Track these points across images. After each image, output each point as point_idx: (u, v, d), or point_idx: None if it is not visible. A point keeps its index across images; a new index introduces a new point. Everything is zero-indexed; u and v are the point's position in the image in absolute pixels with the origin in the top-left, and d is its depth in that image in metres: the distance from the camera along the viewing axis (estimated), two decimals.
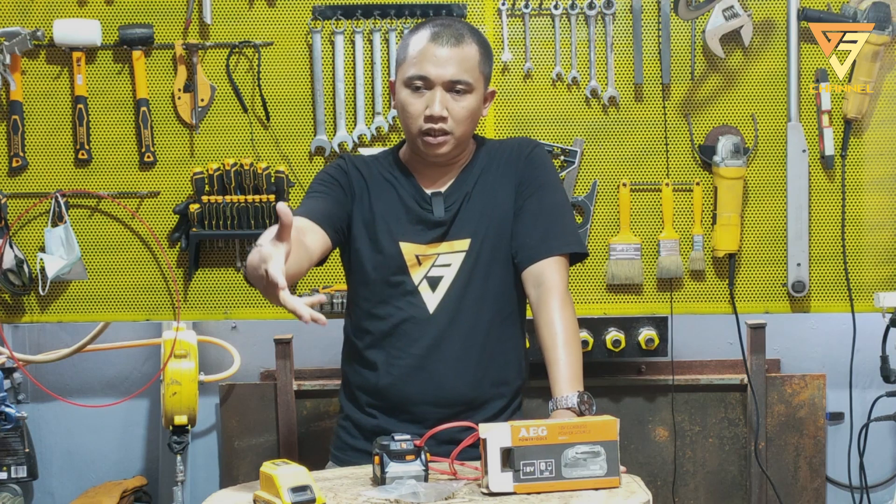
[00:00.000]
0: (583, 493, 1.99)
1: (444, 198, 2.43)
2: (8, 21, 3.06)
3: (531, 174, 2.44)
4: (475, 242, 2.40)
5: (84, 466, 3.83)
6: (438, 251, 2.41)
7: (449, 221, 2.41)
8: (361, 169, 2.47)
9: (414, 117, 2.36)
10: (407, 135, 2.42)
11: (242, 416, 3.55)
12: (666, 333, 3.41)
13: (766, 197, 3.10)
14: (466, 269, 2.40)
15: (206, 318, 3.19)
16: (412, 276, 2.40)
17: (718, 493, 3.52)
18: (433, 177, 2.45)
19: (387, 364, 2.40)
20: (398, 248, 2.40)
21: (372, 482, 2.08)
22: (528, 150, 2.47)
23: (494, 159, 2.47)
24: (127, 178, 3.11)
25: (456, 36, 2.35)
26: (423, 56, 2.34)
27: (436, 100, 2.33)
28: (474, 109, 2.38)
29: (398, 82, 2.40)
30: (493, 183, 2.44)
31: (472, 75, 2.35)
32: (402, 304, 2.40)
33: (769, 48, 3.07)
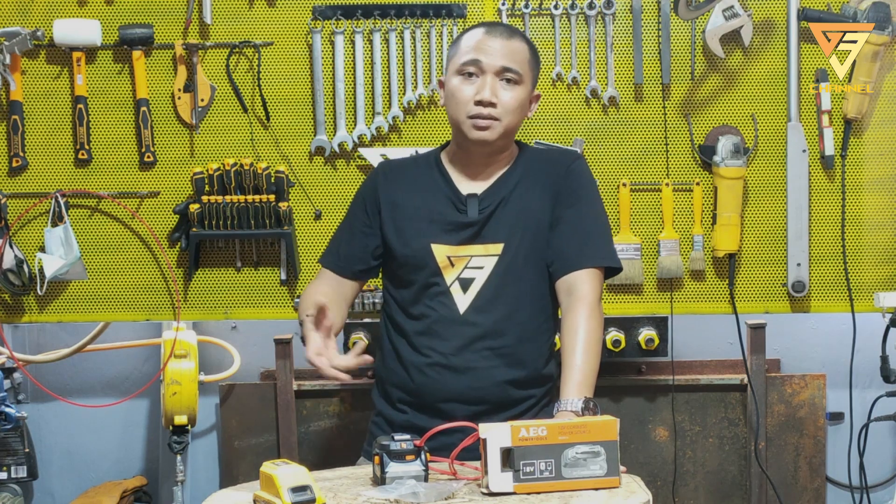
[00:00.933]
0: (583, 493, 1.99)
1: (480, 200, 2.47)
2: (8, 21, 3.06)
3: (571, 185, 2.49)
4: (509, 247, 2.45)
5: (84, 466, 3.83)
6: (471, 253, 2.45)
7: (482, 223, 2.45)
8: (394, 175, 2.56)
9: (463, 103, 2.42)
10: (454, 123, 2.47)
11: (242, 416, 3.55)
12: (666, 333, 3.41)
13: (766, 197, 3.10)
14: (499, 272, 2.44)
15: (206, 318, 3.19)
16: (445, 277, 2.45)
17: (718, 493, 3.51)
18: (472, 177, 2.50)
19: (418, 362, 2.45)
20: (430, 249, 2.45)
21: (372, 482, 2.08)
22: (569, 162, 2.53)
23: (535, 167, 2.51)
24: (127, 178, 3.11)
25: (509, 31, 2.46)
26: (477, 45, 2.43)
27: (486, 85, 2.41)
28: (522, 101, 2.44)
29: (449, 73, 2.47)
30: (531, 190, 2.48)
31: (521, 67, 2.43)
32: (434, 304, 2.45)
33: (769, 48, 3.06)
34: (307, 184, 3.11)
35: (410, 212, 2.50)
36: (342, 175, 3.10)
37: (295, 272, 3.09)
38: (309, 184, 3.11)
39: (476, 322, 2.43)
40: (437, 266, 2.45)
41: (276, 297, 3.13)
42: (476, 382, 2.42)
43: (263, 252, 3.13)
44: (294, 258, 3.07)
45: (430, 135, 3.09)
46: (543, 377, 2.50)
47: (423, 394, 2.45)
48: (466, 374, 2.42)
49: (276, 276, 3.12)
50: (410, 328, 2.48)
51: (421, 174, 2.54)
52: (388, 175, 2.57)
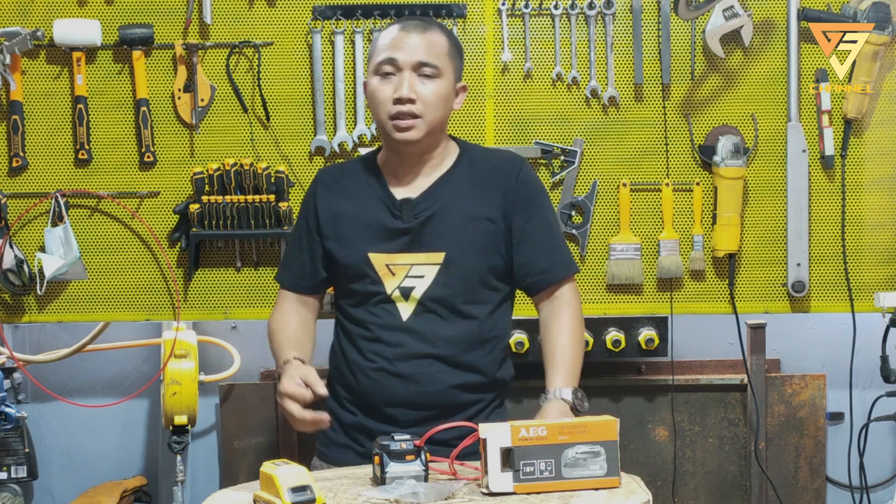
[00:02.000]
0: (583, 493, 1.99)
1: (415, 205, 2.42)
2: (8, 21, 3.06)
3: (526, 196, 2.46)
4: (451, 256, 2.41)
5: (84, 466, 3.83)
6: (411, 262, 2.41)
7: (418, 230, 2.41)
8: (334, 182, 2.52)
9: (383, 103, 2.38)
10: (379, 125, 2.44)
11: (242, 416, 3.55)
12: (666, 333, 3.41)
13: (766, 197, 3.10)
14: (441, 281, 2.41)
15: (206, 318, 3.19)
16: (385, 285, 2.42)
17: (718, 493, 3.51)
18: (408, 181, 2.45)
19: (364, 366, 2.44)
20: (367, 258, 2.42)
21: (372, 482, 2.08)
22: (517, 170, 2.48)
23: (478, 173, 2.46)
24: (127, 178, 3.11)
25: (424, 25, 2.41)
26: (392, 43, 2.39)
27: (404, 82, 2.36)
28: (444, 95, 2.39)
29: (369, 74, 2.43)
30: (477, 199, 2.44)
31: (440, 60, 2.39)
32: (378, 311, 2.43)
33: (769, 48, 3.07)
34: (307, 184, 3.09)
35: (348, 219, 2.46)
36: None
37: None
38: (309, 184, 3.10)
39: (419, 329, 2.40)
40: (377, 275, 2.41)
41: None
42: (422, 388, 2.40)
43: (263, 252, 3.13)
44: None
45: None
46: (494, 382, 2.47)
47: (370, 398, 2.43)
48: (412, 381, 2.40)
49: None
50: (356, 333, 2.46)
51: (358, 179, 2.49)
52: (325, 182, 2.53)
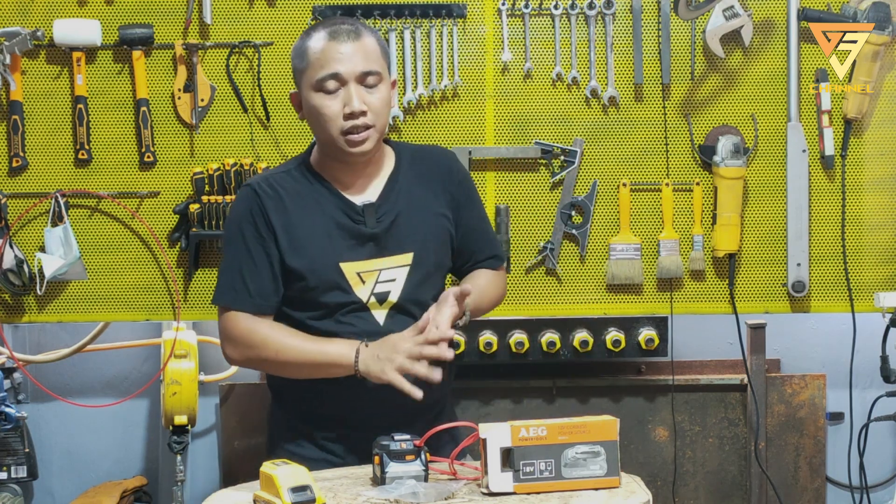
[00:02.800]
0: (583, 493, 1.99)
1: (377, 208, 2.38)
2: (8, 21, 3.06)
3: (462, 188, 2.50)
4: (419, 256, 2.39)
5: (84, 466, 3.83)
6: (381, 266, 2.38)
7: (384, 234, 2.38)
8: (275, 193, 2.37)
9: (332, 118, 2.31)
10: (324, 140, 2.36)
11: (242, 416, 3.55)
12: (666, 333, 3.40)
13: (766, 197, 3.10)
14: (412, 282, 2.39)
15: (206, 318, 3.19)
16: (357, 293, 2.36)
17: (718, 493, 3.51)
18: (357, 186, 2.40)
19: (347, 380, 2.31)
20: (339, 268, 2.35)
21: (372, 482, 2.08)
22: (449, 162, 2.51)
23: (420, 171, 2.45)
24: (127, 178, 3.11)
25: (353, 31, 2.33)
26: (328, 56, 2.31)
27: (352, 95, 2.30)
28: (388, 98, 2.36)
29: (305, 89, 2.34)
30: (425, 197, 2.44)
31: (378, 64, 2.34)
32: (352, 320, 2.36)
33: (769, 48, 3.07)
34: None
35: (308, 231, 2.35)
36: None
37: None
38: None
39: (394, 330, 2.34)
40: (349, 284, 2.34)
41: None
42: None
43: None
44: None
45: (430, 135, 3.09)
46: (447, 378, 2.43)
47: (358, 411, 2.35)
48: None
49: None
50: None
51: (302, 188, 2.39)
52: (269, 195, 2.36)
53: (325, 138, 2.35)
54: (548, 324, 3.42)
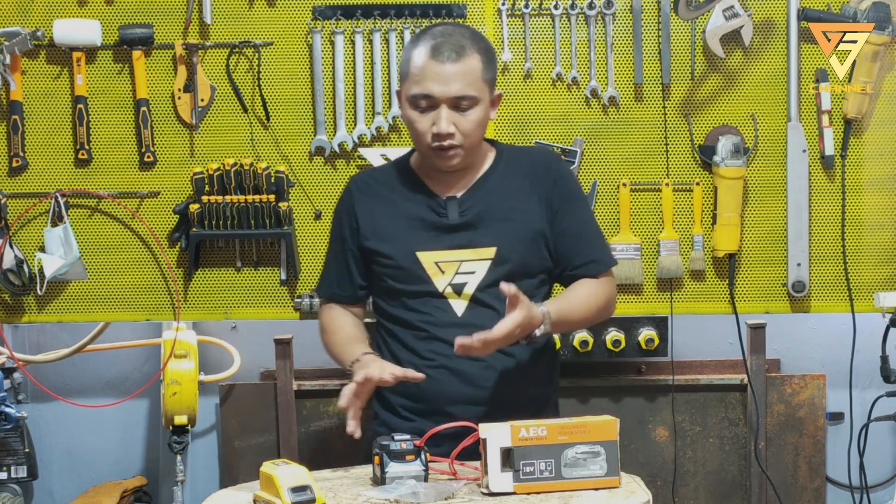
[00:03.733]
0: (583, 493, 1.99)
1: (460, 202, 2.45)
2: (8, 21, 3.06)
3: (563, 191, 2.49)
4: (502, 251, 2.43)
5: (84, 466, 3.83)
6: (462, 258, 2.43)
7: (467, 227, 2.44)
8: (368, 187, 2.53)
9: (421, 135, 2.39)
10: (417, 148, 2.46)
11: (242, 416, 3.55)
12: (666, 333, 3.40)
13: (766, 197, 3.10)
14: (493, 276, 2.42)
15: (206, 318, 3.19)
16: (435, 283, 2.43)
17: (718, 493, 3.51)
18: (448, 182, 2.48)
19: (423, 367, 2.41)
20: (415, 258, 2.43)
21: (372, 482, 2.08)
22: (552, 163, 2.53)
23: (516, 170, 2.49)
24: (127, 178, 3.11)
25: (457, 49, 2.35)
26: (425, 74, 2.35)
27: (442, 118, 2.35)
28: (481, 119, 2.41)
29: (403, 97, 2.42)
30: (519, 195, 2.47)
31: (475, 88, 2.37)
32: (430, 309, 2.44)
33: (769, 48, 3.06)
34: (307, 184, 3.11)
35: (390, 221, 2.47)
36: (342, 175, 3.10)
37: (295, 272, 3.09)
38: (309, 184, 3.11)
39: (477, 324, 2.38)
40: (427, 273, 2.43)
41: (276, 297, 3.13)
42: (485, 383, 2.42)
43: (263, 252, 3.13)
44: (294, 258, 3.07)
45: None
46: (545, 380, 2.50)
47: (430, 398, 2.43)
48: (475, 376, 2.42)
49: (276, 276, 3.12)
50: (410, 336, 2.46)
51: (394, 182, 2.51)
52: (361, 188, 2.55)
53: (417, 147, 2.46)
54: None
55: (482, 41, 2.43)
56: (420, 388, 2.41)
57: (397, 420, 2.47)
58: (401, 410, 2.47)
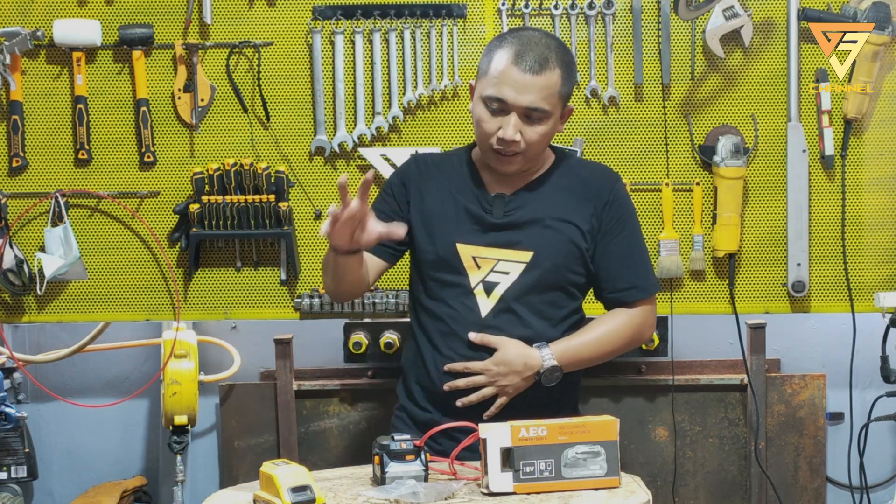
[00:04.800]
0: (583, 493, 1.99)
1: (507, 202, 2.46)
2: (8, 21, 3.06)
3: (617, 212, 2.49)
4: (538, 257, 2.43)
5: (84, 466, 3.83)
6: (499, 257, 2.44)
7: (509, 227, 2.44)
8: (426, 166, 2.54)
9: (487, 134, 2.39)
10: (479, 145, 2.46)
11: (242, 416, 3.55)
12: (666, 333, 3.40)
13: (766, 197, 3.10)
14: (525, 280, 2.43)
15: (206, 318, 3.19)
16: (470, 277, 2.44)
17: (718, 493, 3.51)
18: (501, 180, 2.49)
19: (441, 362, 2.44)
20: (454, 248, 2.44)
21: (372, 482, 2.09)
22: (612, 184, 2.52)
23: (574, 182, 2.50)
24: (127, 178, 3.11)
25: (540, 61, 2.35)
26: (503, 78, 2.35)
27: (510, 125, 2.35)
28: (549, 132, 2.42)
29: (476, 93, 2.42)
30: (569, 206, 2.47)
31: (549, 102, 2.37)
32: (457, 304, 2.45)
33: (769, 48, 3.06)
34: (307, 184, 3.11)
35: (438, 208, 2.49)
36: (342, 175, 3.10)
37: (295, 272, 3.09)
38: (309, 184, 3.11)
39: (497, 326, 2.42)
40: (463, 266, 2.44)
41: (276, 297, 3.13)
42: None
43: (263, 252, 3.13)
44: (294, 258, 3.07)
45: (430, 135, 3.09)
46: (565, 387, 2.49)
47: (444, 393, 2.44)
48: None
49: (276, 276, 3.12)
50: (433, 328, 2.48)
51: (452, 170, 2.53)
52: (420, 168, 2.57)
53: (479, 144, 2.45)
54: None
55: (566, 55, 2.43)
56: (434, 384, 2.44)
57: (416, 410, 2.50)
58: (419, 400, 2.49)
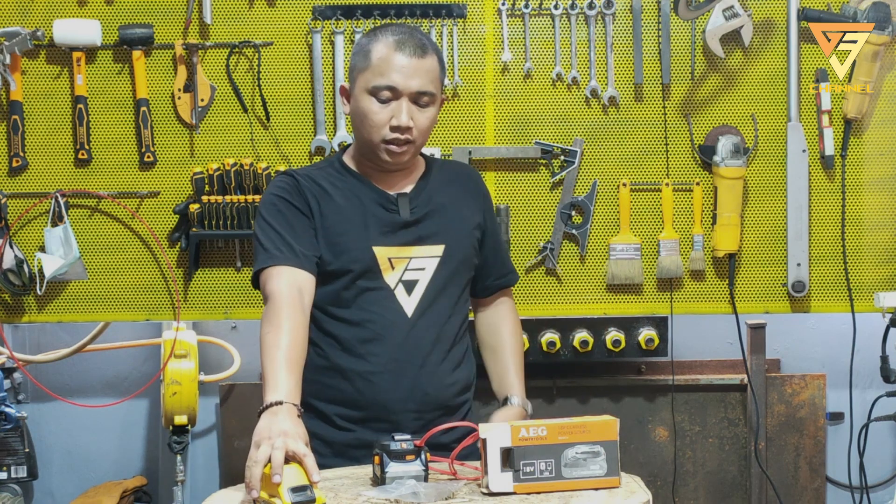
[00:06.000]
0: (583, 493, 1.99)
1: (410, 199, 2.42)
2: (8, 21, 3.06)
3: (489, 204, 2.58)
4: (449, 249, 2.42)
5: (84, 466, 3.83)
6: (412, 254, 2.40)
7: (417, 223, 2.41)
8: (312, 181, 2.39)
9: (378, 127, 2.33)
10: (364, 142, 2.37)
11: (242, 416, 3.55)
12: (666, 333, 3.41)
13: (766, 197, 3.10)
14: (441, 273, 2.41)
15: (206, 318, 3.19)
16: (386, 279, 2.37)
17: (718, 493, 3.52)
18: (390, 181, 2.43)
19: (364, 371, 2.34)
20: (371, 252, 2.36)
21: (372, 482, 2.08)
22: (482, 183, 2.60)
23: (450, 178, 2.51)
24: (127, 178, 3.11)
25: (420, 46, 2.33)
26: (389, 65, 2.31)
27: (402, 110, 2.32)
28: (434, 119, 2.39)
29: (358, 89, 2.35)
30: (461, 199, 2.49)
31: (435, 86, 2.36)
32: (378, 308, 2.36)
33: (769, 48, 3.07)
34: None
35: (340, 217, 2.38)
36: None
37: None
38: None
39: (424, 324, 2.36)
40: (379, 269, 2.36)
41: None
42: (427, 388, 2.35)
43: None
44: None
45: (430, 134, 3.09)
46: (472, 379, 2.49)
47: (371, 405, 2.34)
48: (417, 380, 2.35)
49: None
50: (350, 336, 2.35)
51: (336, 180, 2.41)
52: (307, 182, 2.39)
53: (366, 141, 2.37)
54: (548, 324, 3.42)
55: (437, 46, 2.43)
56: (361, 395, 2.33)
57: (334, 431, 2.36)
58: (336, 420, 2.36)
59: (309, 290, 2.31)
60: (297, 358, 2.18)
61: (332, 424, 2.36)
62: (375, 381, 2.33)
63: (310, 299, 2.31)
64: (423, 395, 2.35)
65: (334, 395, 2.35)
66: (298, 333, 2.21)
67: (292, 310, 2.23)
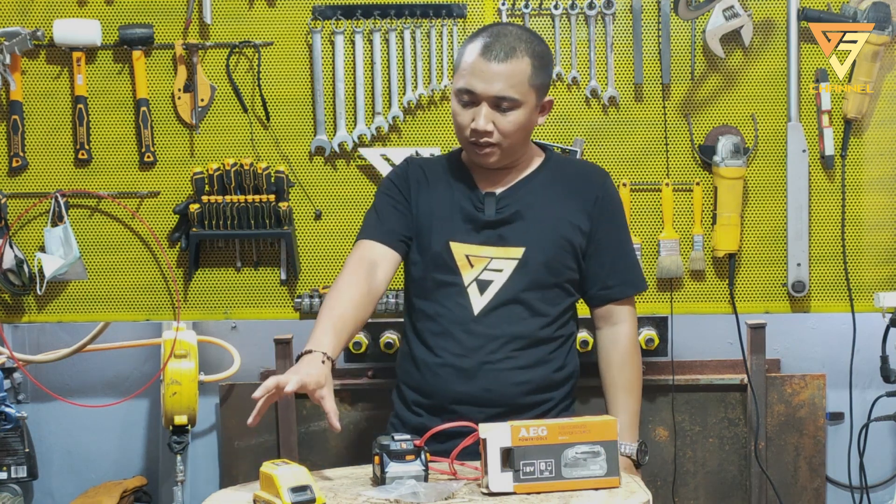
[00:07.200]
0: (583, 493, 1.99)
1: (498, 199, 2.47)
2: (8, 21, 3.06)
3: (607, 208, 2.51)
4: (529, 252, 2.44)
5: (84, 466, 3.83)
6: (491, 255, 2.44)
7: (500, 224, 2.45)
8: (421, 169, 2.55)
9: (461, 128, 2.43)
10: (459, 141, 2.49)
11: (242, 416, 3.53)
12: (666, 333, 3.40)
13: (766, 197, 3.10)
14: (519, 276, 2.44)
15: (206, 318, 3.19)
16: (463, 276, 2.45)
17: (718, 493, 3.51)
18: (491, 178, 2.50)
19: (432, 363, 2.45)
20: (448, 247, 2.45)
21: (372, 482, 2.09)
22: (602, 180, 2.55)
23: (563, 178, 2.51)
24: (127, 178, 3.11)
25: (507, 50, 2.37)
26: (472, 70, 2.38)
27: (481, 115, 2.38)
28: (522, 122, 2.41)
29: (453, 89, 2.45)
30: (560, 202, 2.48)
31: (519, 91, 2.38)
32: (450, 304, 2.45)
33: (769, 48, 3.06)
34: (307, 184, 3.11)
35: (432, 208, 2.50)
36: (342, 175, 3.10)
37: (295, 272, 3.09)
38: (309, 184, 3.11)
39: (490, 324, 2.42)
40: (456, 265, 2.45)
41: (276, 297, 3.13)
42: (488, 385, 2.42)
43: (263, 252, 3.13)
44: (294, 258, 3.07)
45: (429, 135, 3.09)
46: (560, 380, 2.50)
47: (436, 395, 2.45)
48: (478, 377, 2.42)
49: (276, 276, 3.12)
50: (425, 328, 2.48)
51: (445, 172, 2.54)
52: (414, 169, 2.57)
53: (458, 138, 2.48)
54: None
55: (538, 46, 2.43)
56: (428, 385, 2.45)
57: (408, 414, 2.50)
58: (412, 405, 2.50)
59: (385, 263, 2.47)
60: (339, 317, 2.35)
61: (408, 408, 2.50)
62: (441, 374, 2.44)
63: (384, 272, 2.47)
64: (484, 392, 2.42)
65: (410, 380, 2.50)
66: (350, 296, 2.39)
67: (355, 276, 2.42)
